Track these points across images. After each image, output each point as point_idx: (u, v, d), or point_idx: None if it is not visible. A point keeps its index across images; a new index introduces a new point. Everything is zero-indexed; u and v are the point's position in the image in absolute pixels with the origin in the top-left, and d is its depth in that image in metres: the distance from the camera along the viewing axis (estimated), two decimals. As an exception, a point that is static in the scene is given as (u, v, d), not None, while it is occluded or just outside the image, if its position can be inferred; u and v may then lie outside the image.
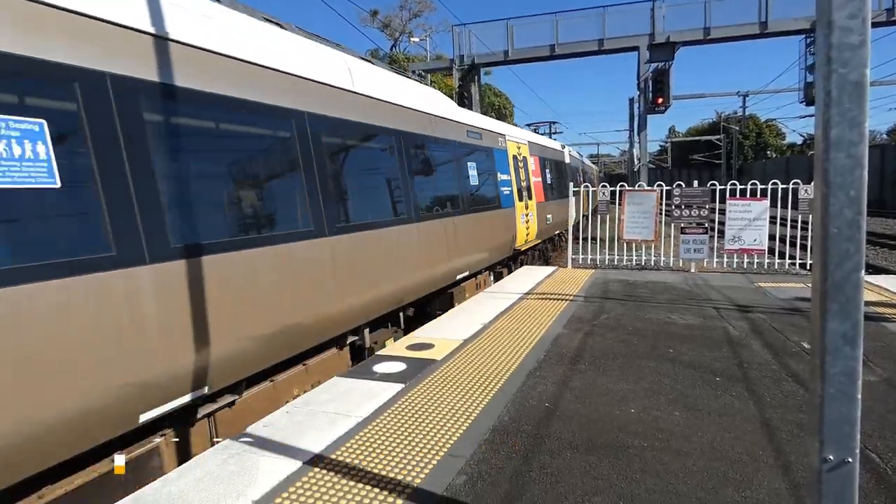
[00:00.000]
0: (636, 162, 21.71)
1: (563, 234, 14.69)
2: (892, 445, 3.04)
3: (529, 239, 11.69)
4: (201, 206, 3.67)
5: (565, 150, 18.71)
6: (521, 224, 10.83)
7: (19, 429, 2.56)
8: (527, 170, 11.85)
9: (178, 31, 3.62)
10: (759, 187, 9.14)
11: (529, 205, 11.58)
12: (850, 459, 1.47)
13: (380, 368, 4.51)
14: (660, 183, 10.40)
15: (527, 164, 11.94)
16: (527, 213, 11.31)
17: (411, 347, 5.10)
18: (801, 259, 9.41)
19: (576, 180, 19.71)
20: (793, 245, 10.16)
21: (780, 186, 9.11)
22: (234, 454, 3.08)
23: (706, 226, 9.12)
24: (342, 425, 3.44)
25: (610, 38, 20.33)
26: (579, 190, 11.41)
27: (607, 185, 10.62)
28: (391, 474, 2.84)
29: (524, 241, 11.28)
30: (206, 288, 3.57)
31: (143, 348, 3.14)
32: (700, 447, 3.06)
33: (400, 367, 4.54)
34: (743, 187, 9.25)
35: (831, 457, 1.48)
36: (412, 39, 38.44)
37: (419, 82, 8.23)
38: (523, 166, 11.57)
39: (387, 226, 5.89)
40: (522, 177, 11.39)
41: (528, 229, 11.47)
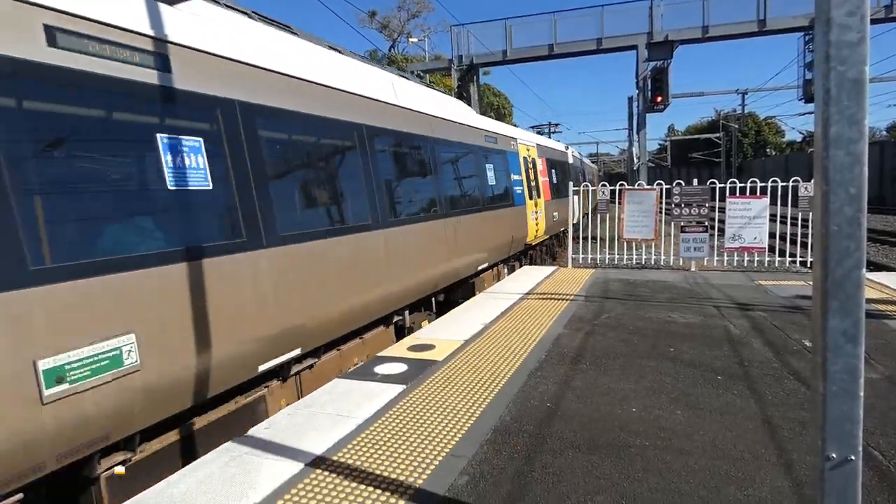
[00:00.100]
0: (635, 161, 21.70)
1: (566, 231, 15.07)
2: (894, 442, 3.03)
3: (539, 235, 12.49)
4: (300, 204, 4.60)
5: (569, 152, 19.63)
6: (531, 221, 11.70)
7: (212, 364, 3.54)
8: (535, 170, 12.70)
9: (289, 67, 4.63)
10: (759, 185, 9.14)
11: (538, 203, 12.41)
12: (853, 457, 1.47)
13: (381, 369, 4.51)
14: (659, 181, 10.41)
15: (535, 165, 12.80)
16: (536, 211, 12.11)
17: (412, 348, 5.09)
18: (801, 257, 9.41)
19: (578, 180, 20.55)
20: (793, 243, 10.16)
21: (779, 184, 9.11)
22: (236, 456, 3.08)
23: (706, 224, 9.12)
24: (344, 427, 3.44)
25: (608, 38, 20.31)
26: (579, 189, 11.45)
27: (607, 184, 10.62)
28: (393, 475, 2.83)
29: (534, 236, 12.08)
30: (304, 269, 4.44)
31: (263, 314, 3.97)
32: (702, 446, 3.06)
33: (401, 367, 4.54)
34: (743, 185, 9.25)
35: (834, 455, 1.48)
36: (411, 40, 38.47)
37: (444, 92, 9.36)
38: (532, 167, 12.44)
39: (425, 220, 6.78)
40: (532, 177, 12.21)
41: (538, 225, 12.28)
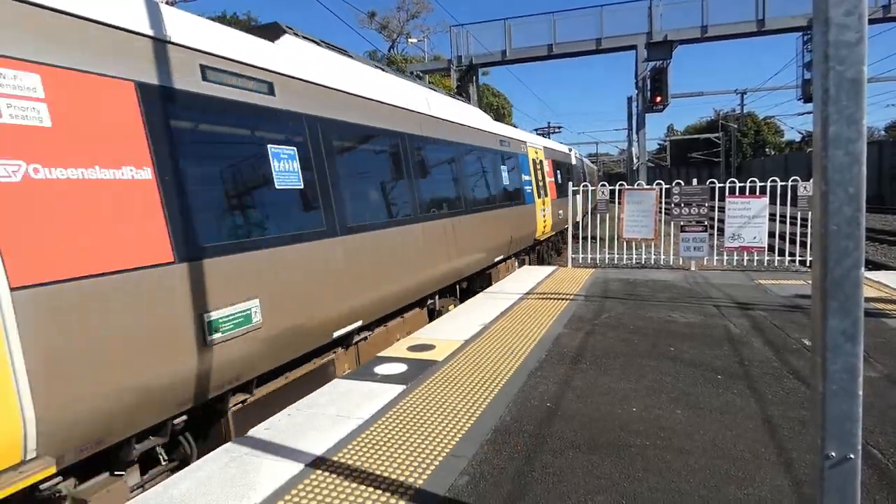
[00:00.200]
0: (635, 161, 21.70)
1: (567, 230, 15.50)
2: (893, 441, 3.04)
3: (546, 231, 13.34)
4: (360, 200, 5.43)
5: (572, 153, 20.47)
6: (539, 217, 12.61)
7: (305, 328, 4.42)
8: (543, 171, 13.62)
9: (350, 87, 5.53)
10: (758, 185, 9.15)
11: (546, 201, 13.31)
12: (853, 456, 1.47)
13: (381, 370, 4.51)
14: (659, 181, 10.42)
15: (542, 166, 13.71)
16: (544, 209, 13.01)
17: (412, 349, 5.10)
18: (801, 256, 9.41)
19: (580, 180, 21.34)
20: (792, 242, 10.16)
21: (779, 184, 9.11)
22: (236, 457, 3.08)
23: (706, 224, 9.13)
24: (343, 427, 3.44)
25: (608, 38, 20.30)
26: (579, 189, 11.49)
27: (606, 183, 10.63)
28: (393, 475, 2.84)
29: (542, 232, 12.95)
30: (364, 254, 5.25)
31: (338, 289, 4.84)
32: (702, 445, 3.06)
33: (401, 368, 4.54)
34: (742, 185, 9.26)
35: (833, 453, 1.48)
36: (410, 40, 38.48)
37: (464, 101, 10.44)
38: (540, 168, 13.36)
39: (453, 216, 7.66)
40: (539, 177, 13.13)
41: (545, 222, 13.19)
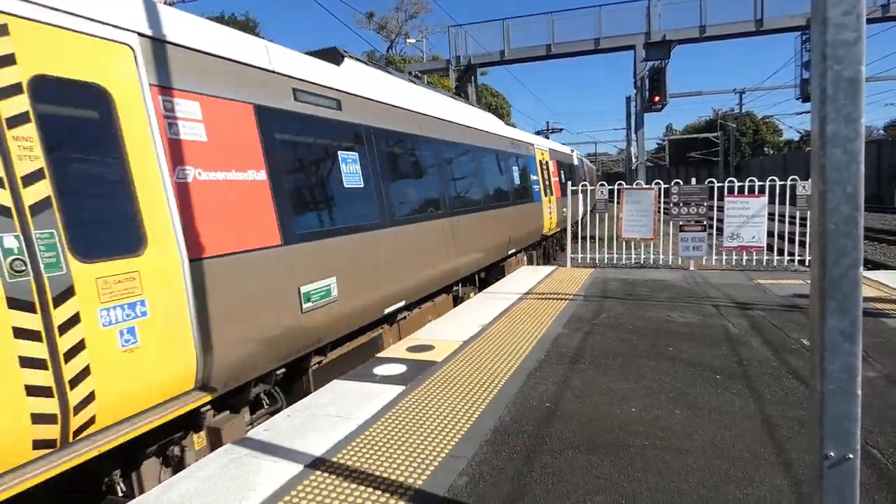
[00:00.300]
0: (634, 160, 21.71)
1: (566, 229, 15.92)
2: (893, 441, 3.04)
3: (552, 227, 14.20)
4: (403, 197, 6.28)
5: (574, 154, 21.24)
6: (546, 215, 13.50)
7: (366, 303, 5.26)
8: (548, 171, 14.49)
9: (393, 99, 6.35)
10: (757, 184, 9.15)
11: (551, 200, 14.15)
12: (851, 456, 1.47)
13: (380, 370, 4.51)
14: (658, 181, 10.41)
15: (548, 166, 14.60)
16: (550, 207, 13.87)
17: (411, 349, 5.09)
18: (800, 256, 9.41)
19: (582, 179, 22.08)
20: (791, 242, 10.17)
21: (777, 183, 9.12)
22: (236, 458, 3.07)
23: (704, 223, 9.13)
24: (343, 428, 3.44)
25: (606, 37, 20.30)
26: (577, 189, 11.51)
27: (605, 183, 10.63)
28: (392, 476, 2.83)
29: (549, 228, 13.85)
30: (407, 243, 6.10)
31: (388, 271, 5.62)
32: (701, 445, 3.06)
33: (400, 368, 4.53)
34: (741, 184, 9.26)
35: (832, 453, 1.48)
36: (408, 41, 38.46)
37: (478, 108, 11.62)
38: (546, 169, 14.24)
39: (474, 212, 8.47)
40: (546, 177, 14.01)
41: (551, 219, 14.06)
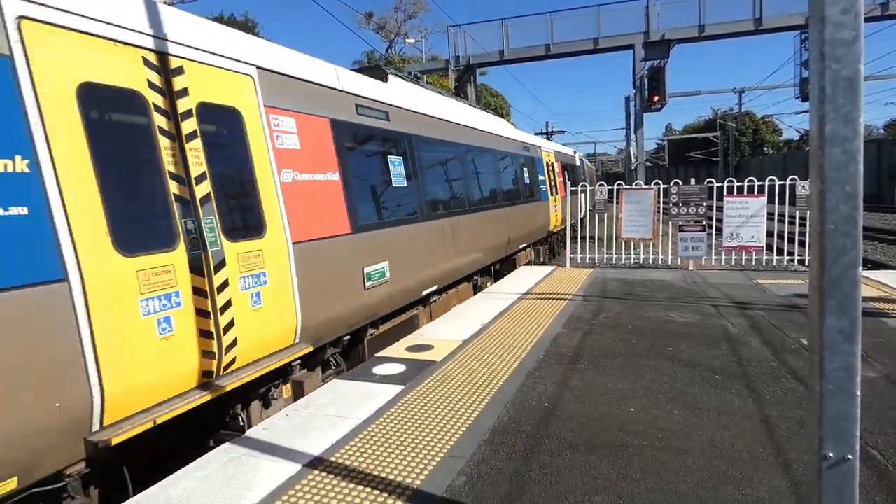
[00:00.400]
0: (633, 160, 21.69)
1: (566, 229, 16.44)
2: (893, 442, 3.03)
3: (557, 224, 15.13)
4: (436, 195, 7.12)
5: (576, 156, 22.15)
6: (552, 212, 14.50)
7: (410, 285, 6.14)
8: (554, 172, 15.45)
9: (427, 108, 7.25)
10: (757, 184, 9.15)
11: (557, 199, 15.19)
12: (850, 456, 1.46)
13: (379, 370, 4.50)
14: (657, 181, 10.41)
15: (554, 167, 15.54)
16: (555, 205, 14.90)
17: (411, 349, 5.09)
18: (799, 255, 9.40)
19: (583, 179, 22.69)
20: (791, 241, 10.16)
21: (777, 183, 9.11)
22: (234, 458, 3.07)
23: (704, 223, 9.13)
24: (342, 427, 3.43)
25: (605, 37, 20.28)
26: (577, 189, 11.53)
27: (604, 183, 10.63)
28: (391, 476, 2.83)
29: (554, 225, 14.80)
30: (439, 235, 6.95)
31: (425, 259, 6.50)
32: (700, 445, 3.06)
33: (399, 368, 4.53)
34: (740, 184, 9.26)
35: (831, 454, 1.47)
36: (408, 41, 38.43)
37: (491, 113, 12.54)
38: (552, 170, 15.22)
39: (493, 209, 9.33)
40: (551, 177, 15.01)
41: (557, 216, 15.03)
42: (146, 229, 3.13)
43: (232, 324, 3.53)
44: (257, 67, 4.12)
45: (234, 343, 3.55)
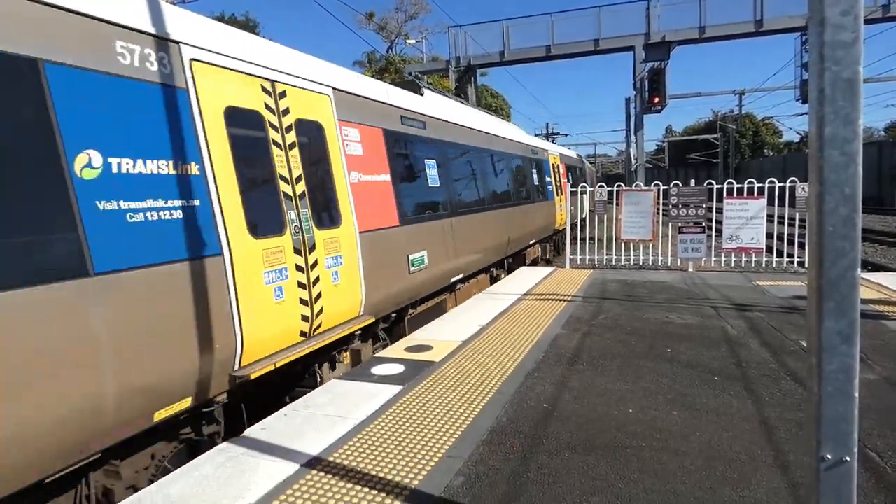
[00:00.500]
0: (633, 161, 21.70)
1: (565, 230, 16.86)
2: (891, 444, 3.03)
3: (562, 223, 15.85)
4: (461, 194, 7.96)
5: (578, 157, 23.10)
6: (558, 211, 15.46)
7: (442, 272, 7.05)
8: (559, 173, 16.54)
9: (452, 117, 8.21)
10: (756, 186, 9.15)
11: (562, 198, 16.07)
12: (849, 458, 1.46)
13: (378, 370, 4.50)
14: (657, 182, 10.41)
15: (559, 169, 16.63)
16: (561, 205, 15.81)
17: (410, 349, 5.09)
18: (799, 257, 9.40)
19: (586, 180, 23.38)
20: (791, 243, 10.16)
21: (776, 185, 9.11)
22: (232, 457, 3.07)
23: (703, 225, 9.13)
24: (340, 427, 3.43)
25: (605, 38, 20.30)
26: (577, 190, 11.56)
27: (604, 184, 10.64)
28: (389, 476, 2.83)
29: (560, 223, 15.70)
30: (464, 230, 7.73)
31: (453, 249, 7.30)
32: (698, 446, 3.06)
33: (398, 368, 4.53)
34: (740, 186, 9.26)
35: (829, 455, 1.47)
36: (408, 41, 38.39)
37: (500, 118, 13.82)
38: (557, 171, 16.34)
39: (508, 207, 10.29)
40: (557, 178, 16.09)
41: (562, 215, 15.92)
42: (267, 218, 3.98)
43: (320, 295, 4.43)
44: (333, 88, 5.03)
45: (322, 311, 4.47)
